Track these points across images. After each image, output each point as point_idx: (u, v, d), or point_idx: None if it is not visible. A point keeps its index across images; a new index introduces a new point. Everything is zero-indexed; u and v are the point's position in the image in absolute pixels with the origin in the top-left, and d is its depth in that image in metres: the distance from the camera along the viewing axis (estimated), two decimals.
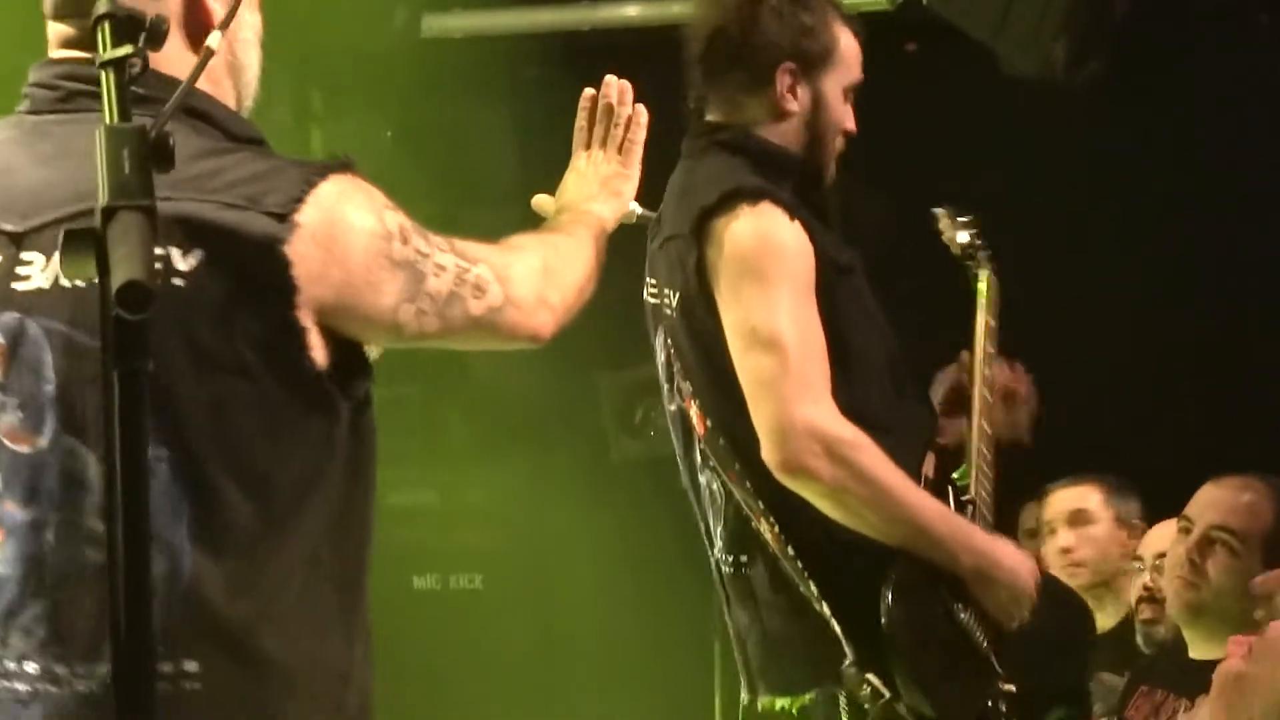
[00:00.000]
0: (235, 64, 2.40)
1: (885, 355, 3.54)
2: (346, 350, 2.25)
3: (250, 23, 2.43)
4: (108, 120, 1.57)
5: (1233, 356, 6.21)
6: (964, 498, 3.61)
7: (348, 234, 2.21)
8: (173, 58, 2.22)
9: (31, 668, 2.18)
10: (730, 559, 3.49)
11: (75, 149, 2.14)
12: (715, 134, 3.55)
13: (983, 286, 3.95)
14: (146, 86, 2.06)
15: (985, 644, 3.49)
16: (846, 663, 3.33)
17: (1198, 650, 4.05)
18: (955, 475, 3.65)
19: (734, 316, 3.32)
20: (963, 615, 3.46)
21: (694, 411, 3.47)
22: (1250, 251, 6.18)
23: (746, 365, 3.31)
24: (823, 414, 3.25)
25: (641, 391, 6.88)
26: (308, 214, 2.17)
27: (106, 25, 1.67)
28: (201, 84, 2.19)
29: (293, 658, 2.22)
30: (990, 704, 3.48)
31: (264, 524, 2.20)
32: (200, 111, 2.26)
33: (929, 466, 3.57)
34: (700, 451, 3.49)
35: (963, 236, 4.02)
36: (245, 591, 2.19)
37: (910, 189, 3.71)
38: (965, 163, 3.63)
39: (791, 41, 3.50)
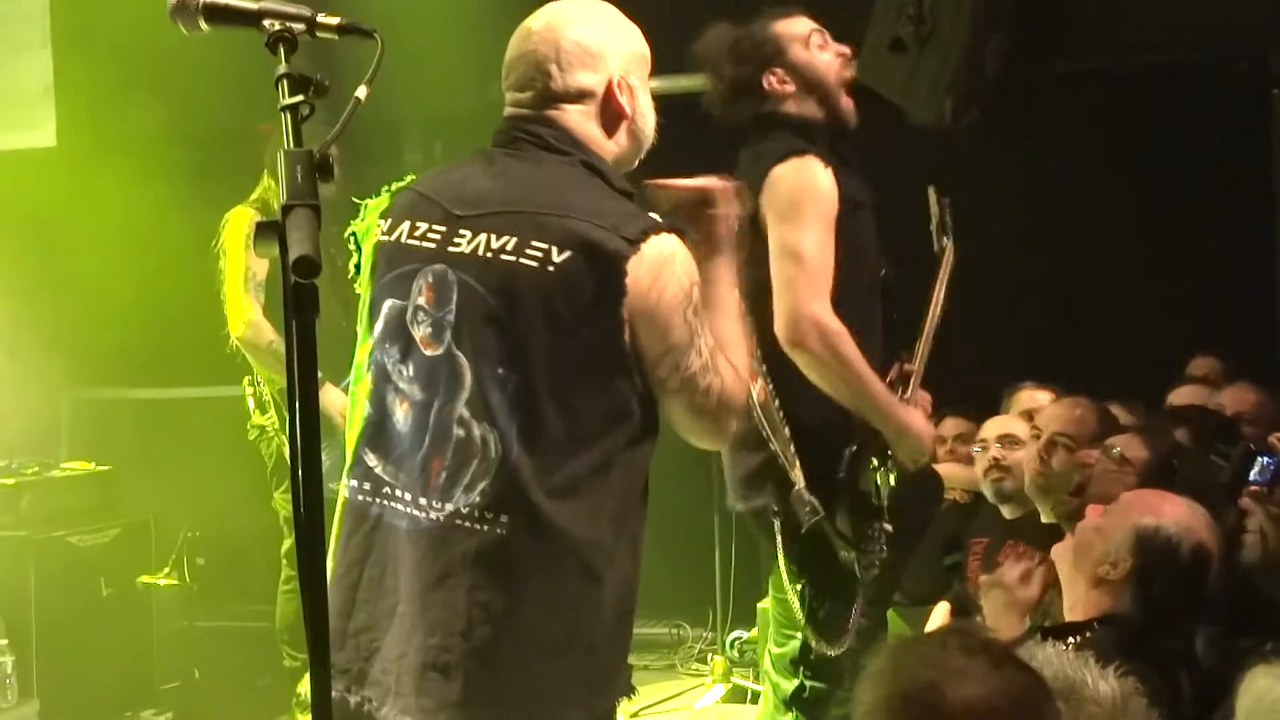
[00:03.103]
0: (635, 129, 2.47)
1: (872, 273, 3.53)
2: None
3: (646, 100, 2.49)
4: (286, 146, 1.53)
5: (1061, 310, 6.19)
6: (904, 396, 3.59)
7: (671, 276, 2.26)
8: (590, 134, 2.41)
9: (408, 496, 2.30)
10: None
11: (508, 172, 2.38)
12: (765, 120, 3.53)
13: (947, 253, 3.94)
14: (560, 142, 2.37)
15: (884, 497, 3.52)
16: (797, 487, 3.34)
17: (1046, 517, 4.04)
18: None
19: (776, 233, 3.33)
20: (877, 473, 3.49)
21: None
22: (1080, 237, 6.16)
23: (777, 268, 3.33)
24: (822, 310, 3.28)
25: None
26: (649, 246, 2.23)
27: (285, 82, 1.63)
28: (602, 144, 2.42)
29: (570, 531, 2.25)
30: (871, 533, 3.49)
31: (569, 439, 2.25)
32: (596, 168, 2.38)
33: (895, 372, 3.59)
34: None
35: (940, 213, 4.02)
36: (547, 479, 2.23)
37: None
38: (884, 181, 3.61)
39: (755, 64, 3.52)
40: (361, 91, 1.73)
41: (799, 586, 3.47)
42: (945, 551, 5.21)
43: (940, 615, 4.46)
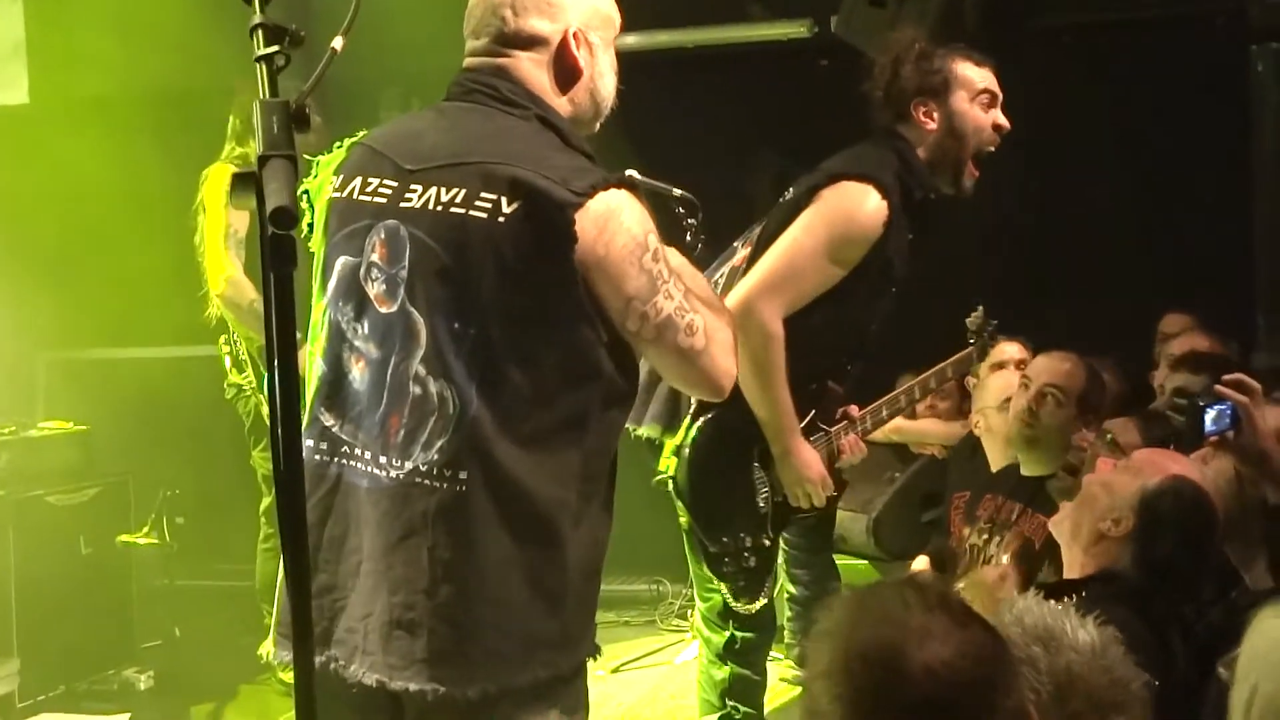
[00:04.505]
0: (593, 90, 2.42)
1: (858, 330, 3.57)
2: None
3: (606, 60, 2.43)
4: (262, 96, 1.51)
5: (1036, 264, 6.20)
6: (831, 426, 3.63)
7: (618, 228, 2.20)
8: (542, 85, 2.36)
9: (367, 454, 2.26)
10: None
11: (460, 124, 2.33)
12: (890, 135, 3.54)
13: (970, 354, 4.05)
14: (516, 95, 2.33)
15: (766, 506, 3.52)
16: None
17: (1028, 470, 4.04)
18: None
19: (795, 225, 3.39)
20: (759, 476, 3.51)
21: (744, 252, 3.54)
22: (1057, 191, 6.16)
23: (768, 252, 3.40)
24: (770, 310, 3.33)
25: None
26: (596, 200, 2.18)
27: (260, 32, 1.60)
28: (562, 102, 2.37)
29: (532, 487, 2.21)
30: (742, 535, 3.50)
31: (533, 392, 2.20)
32: (552, 123, 2.33)
33: (855, 409, 3.68)
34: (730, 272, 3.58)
35: (975, 323, 4.11)
36: (509, 432, 2.20)
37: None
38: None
39: (915, 85, 3.52)
40: (338, 42, 1.71)
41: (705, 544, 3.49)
42: (924, 507, 5.23)
43: (919, 569, 4.47)
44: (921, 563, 4.48)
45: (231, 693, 5.31)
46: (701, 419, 3.45)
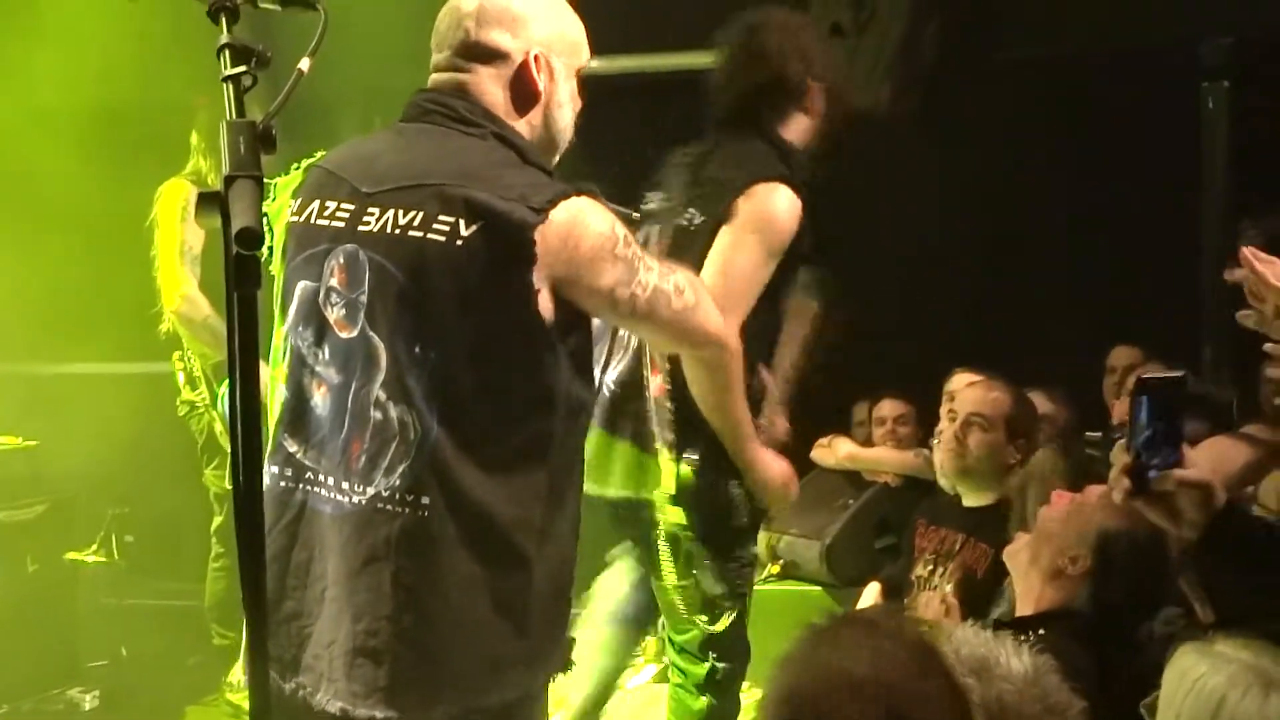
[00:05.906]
0: (550, 117, 2.42)
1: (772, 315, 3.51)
2: (569, 312, 2.25)
3: (567, 90, 2.43)
4: (228, 117, 1.52)
5: (990, 295, 6.24)
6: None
7: (583, 232, 2.21)
8: (499, 103, 2.36)
9: (330, 480, 2.26)
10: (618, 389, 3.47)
11: (416, 145, 2.33)
12: (764, 130, 3.48)
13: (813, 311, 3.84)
14: (472, 114, 2.33)
15: (747, 517, 3.47)
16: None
17: (970, 501, 4.09)
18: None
19: (722, 240, 3.32)
20: (735, 492, 3.44)
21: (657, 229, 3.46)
22: (1009, 224, 6.21)
23: (705, 273, 3.29)
24: (730, 324, 3.15)
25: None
26: (556, 213, 2.19)
27: (227, 52, 1.61)
28: (519, 125, 2.37)
29: (495, 510, 2.22)
30: (739, 555, 3.47)
31: (495, 415, 2.21)
32: (509, 141, 2.33)
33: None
34: None
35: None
36: (471, 458, 2.20)
37: None
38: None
39: (805, 66, 3.47)
40: (304, 64, 1.71)
41: (678, 581, 3.45)
42: (877, 533, 5.25)
43: (870, 595, 4.49)
44: (873, 589, 4.51)
45: (178, 713, 5.25)
46: (684, 460, 3.39)
